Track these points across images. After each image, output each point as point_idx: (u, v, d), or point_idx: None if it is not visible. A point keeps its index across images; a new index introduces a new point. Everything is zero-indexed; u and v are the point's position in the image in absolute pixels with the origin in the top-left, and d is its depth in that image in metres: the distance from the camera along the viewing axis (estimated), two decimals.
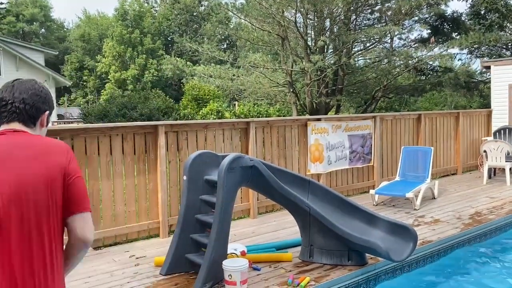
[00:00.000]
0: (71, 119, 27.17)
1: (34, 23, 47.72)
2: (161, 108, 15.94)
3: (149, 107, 15.50)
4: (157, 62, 39.25)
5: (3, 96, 1.75)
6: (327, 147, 7.46)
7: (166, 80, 38.96)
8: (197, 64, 20.90)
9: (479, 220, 6.05)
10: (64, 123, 23.86)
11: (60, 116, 28.96)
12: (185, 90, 23.14)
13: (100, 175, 5.27)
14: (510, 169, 8.65)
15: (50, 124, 1.98)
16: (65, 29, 54.14)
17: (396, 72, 18.66)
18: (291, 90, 16.99)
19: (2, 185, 1.55)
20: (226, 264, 3.92)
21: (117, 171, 5.35)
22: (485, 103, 17.37)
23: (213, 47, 23.00)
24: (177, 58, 19.42)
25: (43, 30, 50.22)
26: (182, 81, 29.52)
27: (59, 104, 35.74)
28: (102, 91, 40.14)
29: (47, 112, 1.85)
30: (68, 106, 38.54)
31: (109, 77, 40.18)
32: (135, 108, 15.37)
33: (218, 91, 21.49)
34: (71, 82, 37.12)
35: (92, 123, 13.29)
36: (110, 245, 5.31)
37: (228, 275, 3.87)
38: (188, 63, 18.62)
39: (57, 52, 36.19)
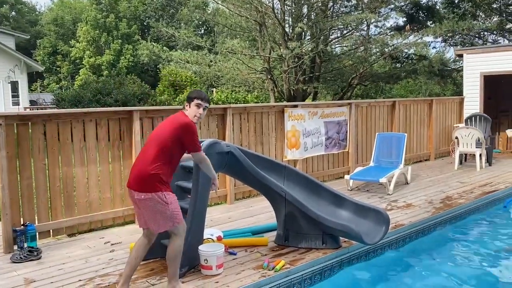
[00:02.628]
0: (44, 105, 26.55)
1: (4, 5, 46.08)
2: (137, 94, 15.70)
3: (124, 93, 15.22)
4: (132, 47, 38.53)
5: None
6: (304, 133, 7.53)
7: (142, 66, 38.30)
8: (174, 50, 20.57)
9: (450, 204, 6.24)
10: (37, 109, 23.28)
11: (32, 102, 28.23)
12: (162, 76, 22.83)
13: (74, 162, 5.19)
14: (480, 155, 8.90)
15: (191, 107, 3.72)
16: (37, 13, 52.52)
17: (372, 60, 18.84)
18: (269, 77, 16.96)
19: (154, 134, 3.63)
20: (202, 249, 3.95)
21: (91, 157, 5.28)
22: (458, 91, 17.72)
23: (190, 33, 22.74)
24: (153, 43, 19.02)
25: (13, 13, 48.59)
26: (158, 67, 29.11)
27: (31, 90, 34.79)
28: (76, 76, 39.22)
29: (186, 102, 3.74)
30: (41, 92, 37.60)
31: (83, 62, 39.27)
32: (110, 94, 15.08)
33: (195, 77, 21.29)
34: (44, 67, 36.14)
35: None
36: (85, 232, 5.27)
37: (204, 260, 3.90)
38: (164, 48, 18.28)
39: (29, 36, 35.12)
